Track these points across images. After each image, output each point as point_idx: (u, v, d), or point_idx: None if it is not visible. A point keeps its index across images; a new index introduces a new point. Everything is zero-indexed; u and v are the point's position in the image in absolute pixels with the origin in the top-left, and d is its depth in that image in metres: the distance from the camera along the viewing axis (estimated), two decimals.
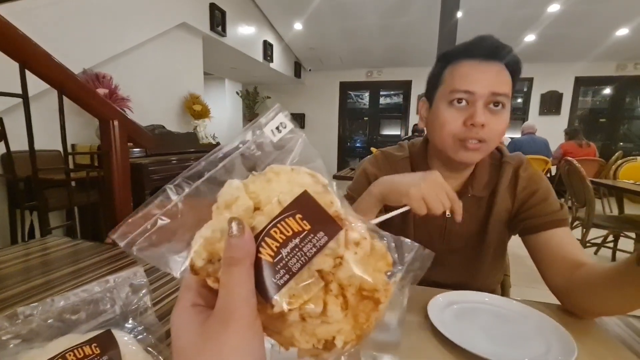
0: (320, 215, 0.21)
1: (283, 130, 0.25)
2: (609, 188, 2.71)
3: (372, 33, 5.48)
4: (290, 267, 0.19)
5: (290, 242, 0.20)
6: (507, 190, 0.76)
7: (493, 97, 0.65)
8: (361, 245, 0.21)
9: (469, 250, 0.79)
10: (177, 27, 3.51)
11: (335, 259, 0.20)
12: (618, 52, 5.60)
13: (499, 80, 0.66)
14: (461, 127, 0.66)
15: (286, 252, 0.20)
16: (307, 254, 0.20)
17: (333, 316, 0.20)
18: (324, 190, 0.22)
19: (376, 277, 0.21)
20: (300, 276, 0.20)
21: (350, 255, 0.21)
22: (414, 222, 0.80)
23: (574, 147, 4.32)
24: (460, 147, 0.68)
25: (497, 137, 0.68)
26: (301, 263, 0.20)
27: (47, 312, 0.37)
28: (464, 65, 0.67)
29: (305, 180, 0.22)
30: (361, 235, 0.22)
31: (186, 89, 3.78)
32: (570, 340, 0.51)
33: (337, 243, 0.21)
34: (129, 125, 1.41)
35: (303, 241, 0.20)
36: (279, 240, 0.20)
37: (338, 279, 0.20)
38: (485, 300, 0.64)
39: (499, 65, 0.66)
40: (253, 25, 5.07)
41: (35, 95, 1.93)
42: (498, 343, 0.52)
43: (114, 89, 2.70)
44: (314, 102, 7.76)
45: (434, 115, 0.71)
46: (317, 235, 0.20)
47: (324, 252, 0.20)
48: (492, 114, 0.66)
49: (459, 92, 0.66)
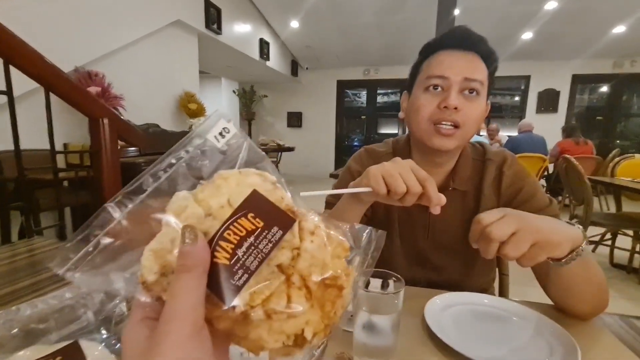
0: (272, 210, 0.21)
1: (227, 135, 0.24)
2: (606, 186, 2.70)
3: (369, 31, 5.46)
4: (248, 266, 0.19)
5: (245, 242, 0.20)
6: (492, 187, 0.76)
7: (467, 82, 0.67)
8: (316, 234, 0.21)
9: (458, 249, 0.77)
10: (171, 25, 3.47)
11: (293, 251, 0.20)
12: (615, 50, 5.61)
13: (473, 66, 0.68)
14: (435, 109, 0.68)
15: (242, 252, 0.19)
16: (263, 250, 0.20)
17: (298, 308, 0.20)
18: (273, 187, 0.22)
19: (335, 263, 0.21)
20: (259, 274, 0.20)
21: (307, 245, 0.21)
22: (398, 218, 0.80)
23: (571, 144, 4.31)
24: (435, 132, 0.69)
25: (471, 123, 0.69)
26: (259, 260, 0.20)
27: (12, 321, 0.34)
28: (439, 54, 0.70)
29: (254, 180, 0.22)
30: (315, 224, 0.22)
31: (181, 88, 3.74)
32: (572, 342, 0.49)
33: (292, 234, 0.21)
34: (119, 123, 1.38)
35: (258, 238, 0.20)
36: (234, 242, 0.19)
37: (298, 270, 0.20)
38: (484, 302, 0.62)
39: (472, 54, 0.69)
40: (249, 23, 5.03)
41: (25, 94, 1.90)
42: (498, 347, 0.50)
43: (107, 87, 2.66)
44: (311, 100, 7.73)
45: (411, 103, 0.74)
46: (272, 231, 0.20)
47: (281, 245, 0.20)
48: (466, 100, 0.68)
49: (433, 78, 0.68)
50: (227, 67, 6.02)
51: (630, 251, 2.51)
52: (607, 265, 2.66)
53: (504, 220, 0.49)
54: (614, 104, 6.41)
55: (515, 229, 0.48)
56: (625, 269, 2.56)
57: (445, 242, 0.78)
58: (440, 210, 0.52)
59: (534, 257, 0.48)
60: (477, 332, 0.54)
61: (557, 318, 0.56)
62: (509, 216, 0.49)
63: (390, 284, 0.47)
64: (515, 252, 0.47)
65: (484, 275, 0.82)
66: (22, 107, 1.34)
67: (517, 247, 0.47)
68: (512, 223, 0.48)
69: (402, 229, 0.80)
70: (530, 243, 0.47)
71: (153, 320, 0.20)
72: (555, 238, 0.49)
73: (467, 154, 0.78)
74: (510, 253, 0.48)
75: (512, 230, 0.48)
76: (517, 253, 0.47)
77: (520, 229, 0.48)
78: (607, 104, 6.48)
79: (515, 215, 0.50)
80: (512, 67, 6.40)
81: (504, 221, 0.49)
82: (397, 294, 0.44)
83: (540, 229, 0.48)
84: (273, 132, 7.73)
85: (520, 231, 0.48)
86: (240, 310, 0.19)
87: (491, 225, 0.49)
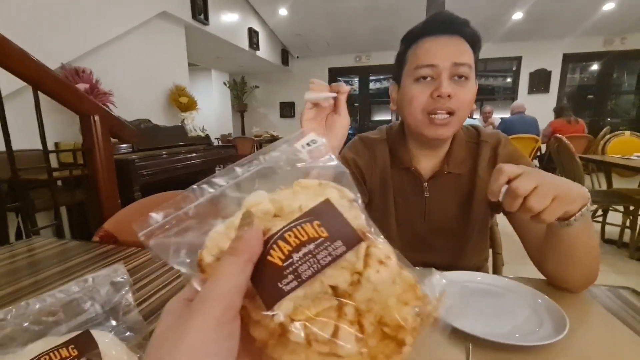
0: (341, 224, 0.19)
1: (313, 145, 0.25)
2: (597, 163, 2.75)
3: (358, 15, 5.38)
4: (300, 273, 0.18)
5: (304, 247, 0.18)
6: (487, 168, 0.77)
7: (456, 68, 0.67)
8: (386, 265, 0.19)
9: (453, 230, 0.80)
10: (157, 17, 3.40)
11: (353, 275, 0.18)
12: (605, 27, 5.61)
13: (459, 50, 0.68)
14: (429, 99, 0.69)
15: (298, 257, 0.18)
16: (320, 261, 0.18)
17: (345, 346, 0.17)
18: (349, 204, 0.21)
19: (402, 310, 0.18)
20: (310, 286, 0.18)
21: (372, 273, 0.18)
22: (394, 202, 0.81)
23: (563, 124, 4.35)
24: (430, 122, 0.69)
25: (465, 107, 0.69)
26: (313, 270, 0.18)
27: (22, 315, 0.35)
28: (424, 41, 0.70)
29: (332, 194, 0.21)
30: (387, 254, 0.19)
31: (171, 81, 3.68)
32: (561, 313, 0.51)
33: (357, 256, 0.19)
34: (111, 119, 1.37)
35: (318, 248, 0.18)
36: (292, 245, 0.18)
37: (355, 300, 0.18)
38: (477, 279, 0.64)
39: (457, 37, 0.69)
40: (236, 12, 4.94)
41: (11, 93, 1.86)
42: (491, 320, 0.53)
43: (95, 84, 2.61)
44: (303, 89, 7.35)
45: (402, 94, 0.74)
46: (334, 244, 0.19)
47: (340, 263, 0.18)
48: (457, 85, 0.68)
49: (423, 68, 0.68)
50: (217, 59, 5.93)
51: (620, 226, 2.58)
52: (599, 241, 2.73)
53: (525, 175, 0.50)
54: (605, 82, 6.45)
55: (536, 184, 0.49)
56: (616, 244, 2.63)
57: (441, 225, 0.80)
58: None
59: (554, 210, 0.49)
60: (472, 307, 0.57)
61: (547, 292, 0.58)
62: (528, 172, 0.50)
63: None
64: (540, 205, 0.49)
65: (478, 254, 0.84)
66: (8, 107, 1.31)
67: (541, 201, 0.48)
68: (532, 179, 0.49)
69: (399, 213, 0.82)
70: (552, 196, 0.49)
71: None
72: (572, 192, 0.51)
73: (461, 137, 0.79)
74: (535, 206, 0.49)
75: (533, 185, 0.49)
76: (541, 206, 0.49)
77: (541, 184, 0.49)
78: (597, 82, 6.52)
79: (534, 172, 0.51)
80: (503, 49, 6.38)
81: (525, 176, 0.50)
82: None
83: (558, 183, 0.50)
84: (266, 124, 7.68)
85: (541, 186, 0.49)
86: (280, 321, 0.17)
87: (516, 180, 0.50)
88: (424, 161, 0.79)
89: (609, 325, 0.52)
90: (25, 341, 0.33)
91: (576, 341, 0.48)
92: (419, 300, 0.19)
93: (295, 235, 0.19)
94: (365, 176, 0.82)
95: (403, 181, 0.81)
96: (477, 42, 0.71)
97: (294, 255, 0.18)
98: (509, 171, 0.51)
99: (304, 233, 0.19)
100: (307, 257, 0.18)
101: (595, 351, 0.46)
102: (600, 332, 0.51)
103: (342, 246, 0.19)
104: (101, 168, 1.29)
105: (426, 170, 0.79)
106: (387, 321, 0.18)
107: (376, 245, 0.20)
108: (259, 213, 0.20)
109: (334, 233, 0.19)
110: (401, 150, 0.80)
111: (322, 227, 0.19)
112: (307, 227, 0.19)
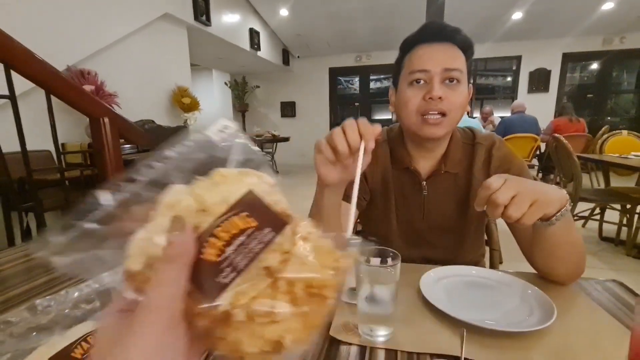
0: (266, 212, 0.21)
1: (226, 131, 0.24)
2: (595, 162, 2.78)
3: (358, 15, 5.40)
4: (236, 264, 0.19)
5: (236, 240, 0.20)
6: (481, 169, 0.81)
7: (447, 72, 0.72)
8: (308, 240, 0.21)
9: (451, 227, 0.84)
10: (160, 19, 3.43)
11: (283, 254, 0.20)
12: (604, 27, 5.62)
13: (450, 56, 0.73)
14: (421, 101, 0.73)
15: (231, 250, 0.19)
16: (253, 250, 0.20)
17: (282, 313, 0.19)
18: (271, 189, 0.22)
19: (324, 272, 0.21)
20: (247, 274, 0.20)
21: (298, 250, 0.21)
22: (395, 201, 0.85)
23: (565, 122, 4.38)
24: (423, 122, 0.74)
25: (457, 109, 0.74)
26: (248, 259, 0.20)
27: (63, 303, 0.39)
28: (418, 49, 0.75)
29: (252, 181, 0.22)
30: (308, 231, 0.22)
31: (173, 82, 3.72)
32: (550, 304, 0.55)
33: (284, 238, 0.21)
34: (120, 121, 1.41)
35: (249, 238, 0.20)
36: (224, 239, 0.19)
37: (286, 274, 0.20)
38: (472, 273, 0.68)
39: (449, 44, 0.74)
40: (238, 13, 4.97)
41: (20, 95, 1.90)
42: (484, 310, 0.57)
43: (100, 85, 2.65)
44: (304, 89, 7.69)
45: (399, 97, 0.79)
46: (264, 231, 0.20)
47: (271, 247, 0.20)
48: (448, 88, 0.73)
49: (416, 73, 0.73)
50: (218, 59, 5.96)
51: (618, 224, 2.62)
52: (597, 239, 2.77)
53: (505, 185, 0.55)
54: (604, 81, 6.46)
55: (515, 192, 0.54)
56: (613, 242, 2.66)
57: (439, 222, 0.84)
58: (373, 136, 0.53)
59: (533, 214, 0.54)
60: (467, 298, 0.61)
61: (539, 285, 0.62)
62: (509, 181, 0.55)
63: (389, 260, 0.53)
64: (517, 212, 0.54)
65: (474, 250, 0.88)
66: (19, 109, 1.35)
67: (518, 208, 0.54)
68: (512, 187, 0.54)
69: (399, 211, 0.85)
70: (530, 203, 0.54)
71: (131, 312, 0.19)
72: (549, 196, 0.56)
73: (458, 138, 0.83)
74: (513, 214, 0.54)
75: (512, 193, 0.54)
76: (518, 213, 0.54)
77: (520, 192, 0.54)
78: (597, 82, 6.53)
79: (514, 180, 0.56)
80: (503, 48, 6.40)
81: (505, 187, 0.55)
82: (394, 266, 0.50)
83: (536, 189, 0.55)
84: (267, 123, 7.70)
85: (519, 194, 0.54)
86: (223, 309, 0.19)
87: (496, 192, 0.55)
88: (422, 161, 0.83)
89: (595, 315, 0.56)
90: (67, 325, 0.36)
91: (563, 329, 0.52)
92: (337, 262, 0.22)
93: (225, 230, 0.19)
94: (367, 175, 0.86)
95: (403, 181, 0.85)
96: (469, 48, 0.75)
97: (227, 249, 0.19)
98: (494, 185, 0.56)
99: (234, 226, 0.20)
100: (240, 249, 0.19)
101: (581, 338, 0.50)
102: (586, 320, 0.55)
103: (271, 232, 0.20)
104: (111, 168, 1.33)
105: (424, 170, 0.83)
106: (314, 284, 0.20)
107: (299, 224, 0.22)
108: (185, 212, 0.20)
109: (261, 221, 0.20)
110: (400, 151, 0.84)
111: (251, 218, 0.20)
112: (236, 220, 0.20)
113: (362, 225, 0.99)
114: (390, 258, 0.52)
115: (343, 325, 0.54)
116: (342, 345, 0.50)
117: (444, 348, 0.47)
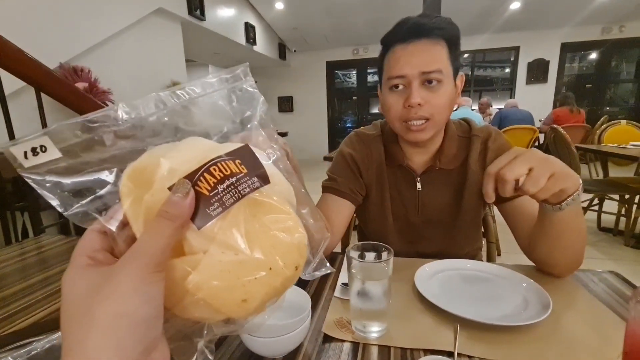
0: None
1: None
2: (594, 152, 2.77)
3: (355, 8, 5.34)
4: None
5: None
6: (478, 162, 0.80)
7: (424, 75, 0.69)
8: None
9: (446, 221, 0.83)
10: (153, 13, 3.38)
11: None
12: (603, 15, 5.57)
13: (429, 57, 0.69)
14: (402, 109, 0.71)
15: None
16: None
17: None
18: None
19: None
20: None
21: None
22: (390, 197, 0.84)
23: (566, 112, 4.36)
24: (407, 129, 0.72)
25: (440, 112, 0.71)
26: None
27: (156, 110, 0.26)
28: (396, 50, 0.71)
29: None
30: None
31: (169, 78, 3.68)
32: (545, 296, 0.54)
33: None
34: None
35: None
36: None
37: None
38: (467, 266, 0.68)
39: (427, 42, 0.69)
40: (233, 6, 4.90)
41: (10, 95, 1.88)
42: (479, 304, 0.56)
43: (94, 82, 2.62)
44: (301, 83, 7.64)
45: (382, 101, 0.78)
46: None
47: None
48: (429, 91, 0.70)
49: (393, 79, 0.71)
50: (214, 54, 5.90)
51: (616, 215, 2.61)
52: (595, 229, 2.77)
53: (517, 161, 0.53)
54: (603, 70, 6.42)
55: (531, 166, 0.52)
56: (612, 232, 2.67)
57: (434, 217, 0.83)
58: None
59: (550, 188, 0.52)
60: (462, 292, 0.60)
61: (535, 277, 0.61)
62: (521, 156, 0.53)
63: (382, 254, 0.52)
64: (535, 187, 0.52)
65: (471, 243, 0.88)
66: (9, 107, 1.33)
67: (536, 183, 0.51)
68: (525, 162, 0.52)
69: (394, 206, 0.85)
70: (548, 176, 0.51)
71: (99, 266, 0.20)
72: (566, 170, 0.53)
73: (453, 132, 0.81)
74: (530, 189, 0.52)
75: (527, 168, 0.52)
76: (536, 188, 0.52)
77: (536, 165, 0.52)
78: (596, 71, 6.49)
79: (528, 154, 0.53)
80: (501, 39, 6.34)
81: (517, 162, 0.52)
82: (387, 261, 0.49)
83: (553, 162, 0.53)
84: None
85: (536, 167, 0.52)
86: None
87: (504, 168, 0.53)
88: (415, 157, 0.82)
89: (591, 307, 0.55)
90: (168, 136, 0.26)
91: (559, 321, 0.51)
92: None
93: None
94: (362, 171, 0.85)
95: (397, 176, 0.84)
96: (454, 40, 0.71)
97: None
98: (494, 168, 0.54)
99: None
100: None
101: (577, 330, 0.49)
102: (582, 312, 0.54)
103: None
104: None
105: (418, 166, 0.82)
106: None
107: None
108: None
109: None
110: (394, 147, 0.83)
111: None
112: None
113: (358, 220, 0.98)
114: (382, 253, 0.52)
115: (336, 321, 0.53)
116: (335, 342, 0.49)
117: (438, 343, 0.47)
